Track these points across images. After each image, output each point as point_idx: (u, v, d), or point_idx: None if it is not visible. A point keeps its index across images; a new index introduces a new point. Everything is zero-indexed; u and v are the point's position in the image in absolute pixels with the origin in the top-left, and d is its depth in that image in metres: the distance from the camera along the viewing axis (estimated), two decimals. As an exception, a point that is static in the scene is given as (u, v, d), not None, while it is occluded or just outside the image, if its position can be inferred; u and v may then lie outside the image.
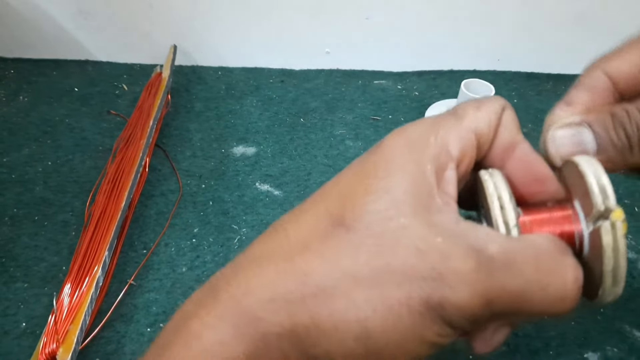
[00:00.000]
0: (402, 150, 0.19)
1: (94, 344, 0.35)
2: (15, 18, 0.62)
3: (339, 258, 0.18)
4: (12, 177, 0.48)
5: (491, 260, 0.17)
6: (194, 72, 0.64)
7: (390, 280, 0.17)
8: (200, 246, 0.42)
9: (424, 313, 0.17)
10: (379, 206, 0.18)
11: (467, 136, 0.20)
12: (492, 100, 0.22)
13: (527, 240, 0.18)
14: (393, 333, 0.17)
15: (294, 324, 0.18)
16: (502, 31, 0.61)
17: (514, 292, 0.17)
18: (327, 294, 0.18)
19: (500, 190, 0.20)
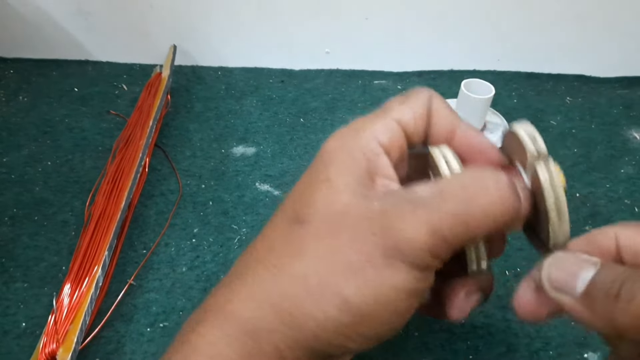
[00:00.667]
0: (337, 147, 0.22)
1: (93, 344, 0.35)
2: (15, 18, 0.62)
3: (303, 247, 0.20)
4: (12, 177, 0.48)
5: (425, 199, 0.20)
6: (193, 72, 0.64)
7: (348, 249, 0.20)
8: (200, 246, 0.42)
9: (387, 262, 0.19)
10: (324, 196, 0.21)
11: (392, 126, 0.23)
12: (417, 92, 0.24)
13: (454, 175, 0.21)
14: (368, 291, 0.19)
15: (278, 313, 0.20)
16: (502, 31, 0.61)
17: (457, 217, 0.19)
18: (299, 278, 0.20)
19: (444, 151, 0.22)
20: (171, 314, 0.37)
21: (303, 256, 0.20)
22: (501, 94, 0.60)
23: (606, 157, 0.51)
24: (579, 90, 0.61)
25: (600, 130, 0.55)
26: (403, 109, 0.23)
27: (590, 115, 0.57)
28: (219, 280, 0.39)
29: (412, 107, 0.23)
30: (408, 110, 0.23)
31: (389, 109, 0.24)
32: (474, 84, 0.50)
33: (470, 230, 0.19)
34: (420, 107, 0.23)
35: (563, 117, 0.57)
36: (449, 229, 0.19)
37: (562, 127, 0.55)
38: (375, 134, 0.22)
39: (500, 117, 0.53)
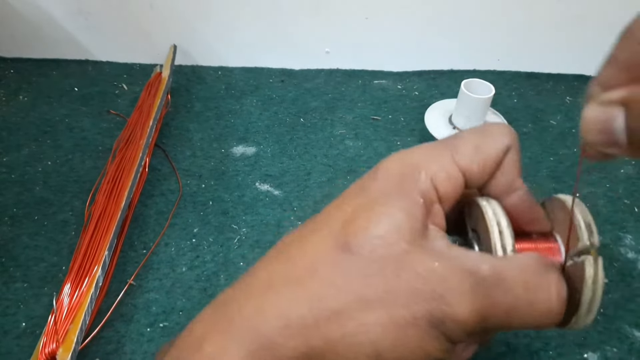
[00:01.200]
0: (396, 179, 0.21)
1: (93, 344, 0.35)
2: (15, 18, 0.62)
3: (348, 282, 0.19)
4: (12, 177, 0.48)
5: (484, 280, 0.19)
6: (193, 71, 0.64)
7: (396, 302, 0.18)
8: (200, 246, 0.42)
9: (428, 330, 0.18)
10: (381, 232, 0.19)
11: (456, 175, 0.21)
12: (495, 136, 0.21)
13: (515, 258, 0.20)
14: (402, 350, 0.19)
15: (309, 347, 0.19)
16: (502, 31, 0.61)
17: (505, 308, 0.19)
18: (340, 318, 0.19)
19: (499, 216, 0.21)
20: (171, 314, 0.37)
21: (347, 291, 0.19)
22: (501, 93, 0.60)
23: (606, 157, 0.51)
24: (578, 90, 0.61)
25: (600, 130, 0.55)
26: (473, 158, 0.21)
27: (590, 115, 0.57)
28: (219, 280, 0.39)
29: (484, 157, 0.21)
30: (478, 161, 0.21)
31: (457, 149, 0.21)
32: (474, 83, 0.50)
33: (509, 324, 0.19)
34: (493, 159, 0.21)
35: (563, 116, 0.57)
36: (496, 320, 0.19)
37: (562, 127, 0.55)
38: (436, 179, 0.20)
39: (500, 117, 0.53)
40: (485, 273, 0.19)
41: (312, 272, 0.20)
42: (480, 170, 0.21)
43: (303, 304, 0.19)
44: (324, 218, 0.21)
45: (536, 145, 0.52)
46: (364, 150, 0.52)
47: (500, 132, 0.21)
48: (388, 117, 0.57)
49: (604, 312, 0.36)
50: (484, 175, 0.21)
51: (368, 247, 0.19)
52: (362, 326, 0.19)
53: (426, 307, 0.18)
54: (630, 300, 0.38)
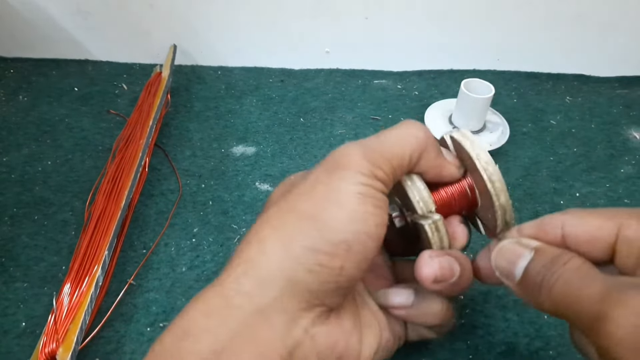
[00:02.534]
0: None
1: (93, 344, 0.35)
2: (14, 18, 0.62)
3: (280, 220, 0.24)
4: (12, 176, 0.48)
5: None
6: (193, 71, 0.64)
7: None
8: (200, 246, 0.42)
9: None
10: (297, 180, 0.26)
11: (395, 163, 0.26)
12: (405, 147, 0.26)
13: None
14: (321, 201, 0.23)
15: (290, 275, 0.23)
16: (502, 31, 0.61)
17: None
18: (308, 219, 0.23)
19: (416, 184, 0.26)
20: (171, 313, 0.37)
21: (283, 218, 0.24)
22: (501, 93, 0.60)
23: (606, 157, 0.51)
24: (578, 89, 0.61)
25: (600, 130, 0.55)
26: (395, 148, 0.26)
27: (590, 114, 0.57)
28: (219, 279, 0.39)
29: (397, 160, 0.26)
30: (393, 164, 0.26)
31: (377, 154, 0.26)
32: (474, 83, 0.50)
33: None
34: (406, 162, 0.26)
35: (563, 116, 0.57)
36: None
37: (562, 127, 0.55)
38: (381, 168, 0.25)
39: (500, 117, 0.53)
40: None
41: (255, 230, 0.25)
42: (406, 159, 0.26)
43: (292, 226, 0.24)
44: None
45: (536, 145, 0.52)
46: (364, 150, 0.52)
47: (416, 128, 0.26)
48: (388, 117, 0.57)
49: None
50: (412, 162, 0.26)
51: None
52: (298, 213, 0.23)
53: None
54: (630, 300, 0.38)
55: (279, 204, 0.24)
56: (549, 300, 0.21)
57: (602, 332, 0.18)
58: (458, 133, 0.27)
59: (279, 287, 0.22)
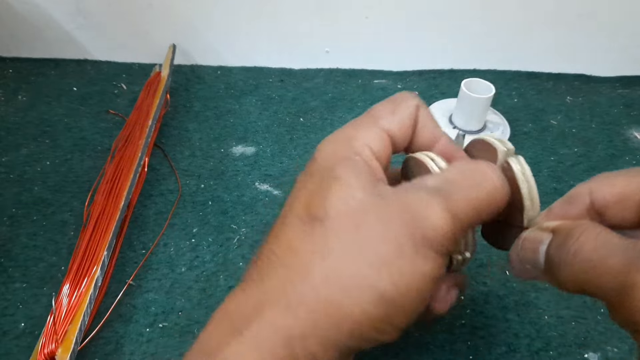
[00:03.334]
0: (334, 151, 0.23)
1: (92, 345, 0.35)
2: (14, 17, 0.62)
3: (325, 244, 0.20)
4: (11, 176, 0.48)
5: (437, 188, 0.21)
6: (193, 71, 0.64)
7: (375, 242, 0.20)
8: (199, 246, 0.42)
9: (417, 251, 0.20)
10: (338, 193, 0.21)
11: (382, 136, 0.24)
12: (404, 99, 0.25)
13: (450, 167, 0.23)
14: (402, 282, 0.20)
15: (313, 317, 0.19)
16: (502, 31, 0.61)
17: (463, 197, 0.21)
18: (333, 277, 0.20)
19: (429, 154, 0.24)
20: (170, 314, 0.37)
21: (330, 253, 0.20)
22: (501, 93, 0.60)
23: (607, 157, 0.51)
24: (579, 89, 0.61)
25: (600, 130, 0.55)
26: (392, 120, 0.24)
27: (590, 114, 0.57)
28: (219, 280, 0.39)
29: (400, 117, 0.24)
30: (397, 121, 0.24)
31: (377, 117, 0.24)
32: (474, 83, 0.50)
33: (479, 213, 0.21)
34: (408, 117, 0.25)
35: (563, 116, 0.57)
36: (464, 214, 0.21)
37: (563, 127, 0.55)
38: (368, 142, 0.23)
39: (501, 117, 0.53)
40: (436, 184, 0.21)
41: (293, 253, 0.21)
42: (401, 129, 0.24)
43: (296, 284, 0.20)
44: (287, 211, 0.23)
45: (536, 145, 0.52)
46: (364, 150, 0.52)
47: (405, 97, 0.25)
48: (388, 117, 0.56)
49: (605, 312, 0.36)
50: (405, 134, 0.25)
51: (333, 210, 0.21)
52: (357, 275, 0.20)
53: (403, 232, 0.20)
54: (631, 301, 0.37)
55: None
56: (570, 280, 0.19)
57: (629, 305, 0.17)
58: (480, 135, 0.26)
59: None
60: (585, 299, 0.37)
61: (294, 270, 0.20)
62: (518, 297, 0.37)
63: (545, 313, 0.36)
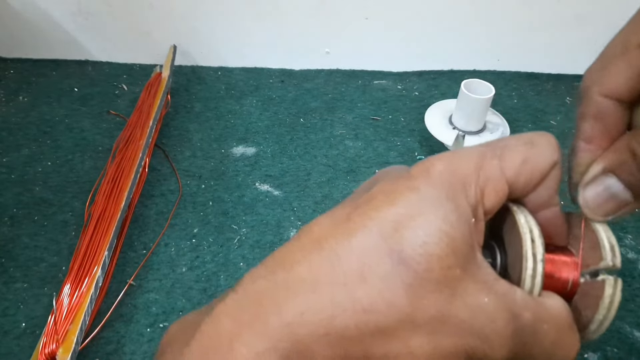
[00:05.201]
0: (446, 187, 0.19)
1: (93, 344, 0.35)
2: (15, 18, 0.62)
3: (399, 299, 0.18)
4: (12, 177, 0.48)
5: (524, 328, 0.19)
6: (193, 72, 0.64)
7: (443, 331, 0.18)
8: (200, 246, 0.42)
9: None
10: (439, 251, 0.18)
11: (503, 188, 0.19)
12: (546, 151, 0.20)
13: (551, 306, 0.20)
14: None
15: (345, 358, 0.18)
16: (502, 31, 0.61)
17: (530, 353, 0.19)
18: (384, 335, 0.18)
19: (531, 224, 0.20)
20: (171, 314, 0.37)
21: (397, 309, 0.18)
22: (501, 94, 0.60)
23: (606, 157, 0.51)
24: (579, 90, 0.61)
25: (600, 130, 0.55)
26: (523, 167, 0.20)
27: (590, 115, 0.57)
28: (219, 280, 0.39)
29: (533, 167, 0.20)
30: (528, 170, 0.20)
31: (507, 154, 0.20)
32: (474, 84, 0.50)
33: None
34: (542, 169, 0.20)
35: (563, 117, 0.57)
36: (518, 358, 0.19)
37: (562, 127, 0.55)
38: (485, 193, 0.19)
39: (501, 117, 0.53)
40: (526, 321, 0.19)
41: (361, 280, 0.18)
42: (526, 183, 0.20)
43: (348, 314, 0.18)
44: (372, 210, 0.19)
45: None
46: (364, 150, 0.52)
47: (549, 145, 0.20)
48: (388, 118, 0.57)
49: (604, 312, 0.36)
50: (528, 189, 0.20)
51: (424, 265, 0.18)
52: (406, 348, 0.18)
53: (470, 342, 0.18)
54: (630, 301, 0.38)
55: None
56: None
57: None
58: (598, 225, 0.22)
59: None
60: (584, 299, 0.37)
61: (347, 296, 0.18)
62: (518, 297, 0.37)
63: None
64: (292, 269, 0.19)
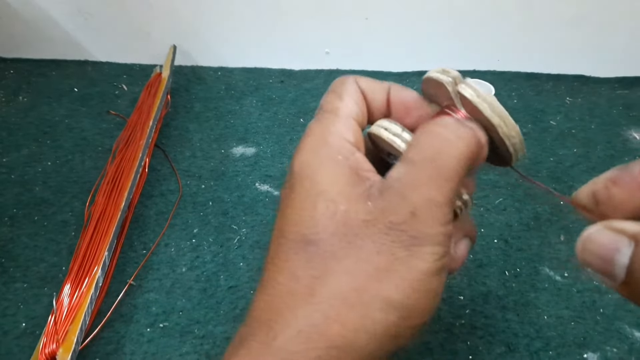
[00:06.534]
0: (312, 159, 0.22)
1: (93, 344, 0.35)
2: (15, 18, 0.62)
3: (325, 268, 0.20)
4: (12, 177, 0.48)
5: (403, 181, 0.21)
6: (193, 72, 0.64)
7: (370, 255, 0.20)
8: (200, 246, 0.42)
9: (409, 253, 0.20)
10: (324, 211, 0.21)
11: (351, 123, 0.23)
12: (342, 82, 0.25)
13: (413, 145, 0.22)
14: (405, 285, 0.20)
15: (327, 339, 0.19)
16: (502, 31, 0.61)
17: (435, 179, 0.20)
18: (338, 298, 0.20)
19: (390, 128, 0.24)
20: (171, 314, 0.37)
21: (330, 275, 0.20)
22: (501, 94, 0.60)
23: (606, 157, 0.51)
24: (578, 90, 0.61)
25: (600, 131, 0.55)
26: (348, 104, 0.24)
27: (590, 115, 0.57)
28: (219, 280, 0.39)
29: (352, 98, 0.24)
30: (352, 103, 0.24)
31: (335, 108, 0.24)
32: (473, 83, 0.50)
33: (455, 181, 0.21)
34: (356, 93, 0.25)
35: (563, 117, 0.57)
36: (440, 193, 0.20)
37: (562, 127, 0.55)
38: (343, 135, 0.23)
39: (500, 117, 0.53)
40: (401, 175, 0.21)
41: (295, 279, 0.21)
42: (358, 107, 0.24)
43: (307, 310, 0.20)
44: (280, 232, 0.23)
45: (536, 145, 0.52)
46: (364, 150, 0.52)
47: (341, 81, 0.25)
48: (388, 118, 0.57)
49: (604, 312, 0.36)
50: (362, 110, 0.25)
51: (323, 231, 0.21)
52: (360, 291, 0.20)
53: (391, 238, 0.20)
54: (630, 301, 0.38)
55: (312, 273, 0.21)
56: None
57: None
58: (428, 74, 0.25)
59: None
60: (584, 299, 0.37)
61: (302, 298, 0.20)
62: (517, 297, 0.37)
63: (544, 313, 0.36)
64: (252, 307, 0.22)
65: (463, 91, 0.23)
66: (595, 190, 0.20)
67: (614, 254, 0.17)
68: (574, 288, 0.38)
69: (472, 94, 0.23)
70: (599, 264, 0.18)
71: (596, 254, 0.18)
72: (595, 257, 0.18)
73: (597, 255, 0.18)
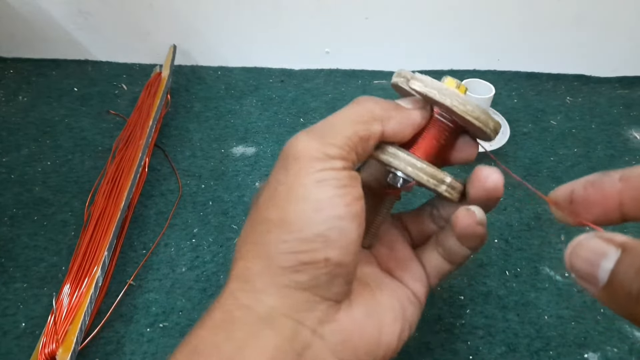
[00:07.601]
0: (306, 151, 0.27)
1: (93, 344, 0.35)
2: (15, 18, 0.62)
3: None
4: (12, 177, 0.48)
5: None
6: (193, 72, 0.64)
7: None
8: (199, 246, 0.42)
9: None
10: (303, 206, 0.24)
11: None
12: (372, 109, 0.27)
13: None
14: (320, 211, 0.22)
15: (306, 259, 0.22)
16: (502, 31, 0.61)
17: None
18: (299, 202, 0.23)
19: None
20: (171, 314, 0.37)
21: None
22: (501, 93, 0.60)
23: (606, 157, 0.51)
24: (579, 90, 0.61)
25: (600, 130, 0.55)
26: None
27: (590, 115, 0.57)
28: (219, 280, 0.39)
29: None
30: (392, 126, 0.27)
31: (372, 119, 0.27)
32: (474, 83, 0.50)
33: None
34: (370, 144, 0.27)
35: (563, 117, 0.57)
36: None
37: (562, 127, 0.55)
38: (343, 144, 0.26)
39: (501, 117, 0.53)
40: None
41: None
42: None
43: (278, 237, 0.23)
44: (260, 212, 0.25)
45: (536, 145, 0.52)
46: (364, 150, 0.52)
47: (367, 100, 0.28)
48: (388, 117, 0.57)
49: (604, 312, 0.36)
50: None
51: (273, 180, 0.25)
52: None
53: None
54: (631, 301, 0.38)
55: (251, 217, 0.24)
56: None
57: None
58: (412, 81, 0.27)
59: (274, 295, 0.22)
60: (585, 299, 0.37)
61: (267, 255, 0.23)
62: (518, 297, 0.37)
63: (545, 313, 0.36)
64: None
65: (413, 86, 0.26)
66: (574, 189, 0.21)
67: (600, 259, 0.18)
68: (575, 288, 0.38)
69: (419, 85, 0.26)
70: (586, 267, 0.19)
71: (584, 258, 0.19)
72: (583, 260, 0.19)
73: (584, 259, 0.19)
